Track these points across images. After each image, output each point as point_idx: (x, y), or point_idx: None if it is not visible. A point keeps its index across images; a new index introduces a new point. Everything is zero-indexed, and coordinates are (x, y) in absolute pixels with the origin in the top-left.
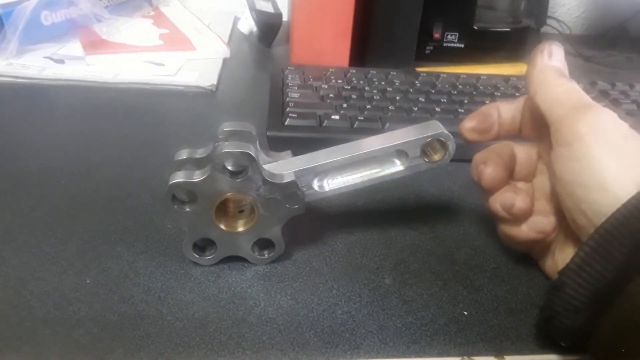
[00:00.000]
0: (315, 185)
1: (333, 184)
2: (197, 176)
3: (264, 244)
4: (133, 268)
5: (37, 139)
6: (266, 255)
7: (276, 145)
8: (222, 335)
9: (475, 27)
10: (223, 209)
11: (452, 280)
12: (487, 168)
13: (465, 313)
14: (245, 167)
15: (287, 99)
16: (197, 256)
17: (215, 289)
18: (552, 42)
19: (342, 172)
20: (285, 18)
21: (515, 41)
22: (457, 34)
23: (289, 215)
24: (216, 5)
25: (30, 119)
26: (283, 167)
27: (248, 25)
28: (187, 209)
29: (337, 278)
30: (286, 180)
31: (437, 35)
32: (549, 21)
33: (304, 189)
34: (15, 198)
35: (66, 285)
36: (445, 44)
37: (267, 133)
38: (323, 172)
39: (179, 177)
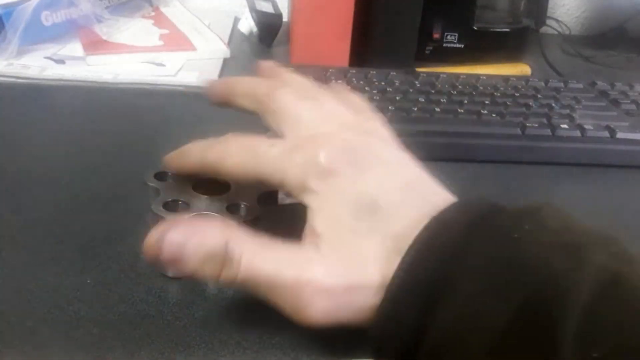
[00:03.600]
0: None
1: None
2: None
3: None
4: (133, 268)
5: (37, 139)
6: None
7: None
8: (223, 335)
9: (475, 28)
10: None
11: None
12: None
13: None
14: None
15: None
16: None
17: (215, 288)
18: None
19: None
20: (285, 18)
21: (515, 41)
22: (456, 34)
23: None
24: (216, 6)
25: (30, 119)
26: None
27: (248, 25)
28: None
29: None
30: None
31: (437, 36)
32: (548, 21)
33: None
34: (15, 198)
35: (66, 285)
36: (445, 44)
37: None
38: None
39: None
